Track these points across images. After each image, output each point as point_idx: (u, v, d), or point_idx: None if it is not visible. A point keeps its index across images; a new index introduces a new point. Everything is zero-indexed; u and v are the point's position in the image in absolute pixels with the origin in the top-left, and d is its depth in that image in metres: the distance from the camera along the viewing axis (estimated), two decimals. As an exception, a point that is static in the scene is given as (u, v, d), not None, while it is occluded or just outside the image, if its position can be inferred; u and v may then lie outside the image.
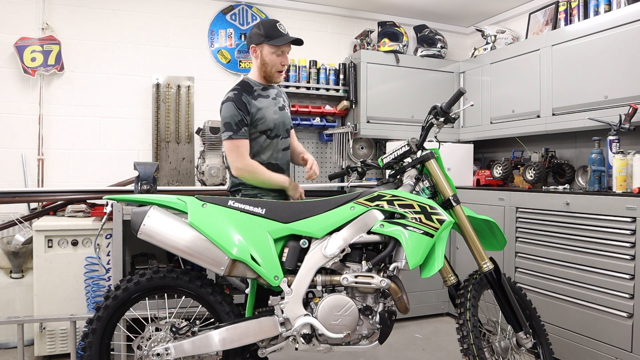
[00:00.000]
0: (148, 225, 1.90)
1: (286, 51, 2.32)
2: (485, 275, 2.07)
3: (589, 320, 2.70)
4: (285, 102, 2.48)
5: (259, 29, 2.29)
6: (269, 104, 2.34)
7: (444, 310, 3.86)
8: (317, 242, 1.97)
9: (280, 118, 2.37)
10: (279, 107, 2.39)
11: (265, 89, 2.36)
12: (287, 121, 2.43)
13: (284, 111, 2.41)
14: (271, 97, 2.37)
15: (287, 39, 2.27)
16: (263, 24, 2.29)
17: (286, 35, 2.28)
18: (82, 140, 3.60)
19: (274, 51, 2.28)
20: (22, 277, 3.06)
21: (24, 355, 2.61)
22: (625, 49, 2.88)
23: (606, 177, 2.87)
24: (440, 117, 2.11)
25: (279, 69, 2.33)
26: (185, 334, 1.93)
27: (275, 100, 2.39)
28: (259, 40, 2.29)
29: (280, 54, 2.29)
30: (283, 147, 2.40)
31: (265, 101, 2.33)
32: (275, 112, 2.34)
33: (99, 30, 3.64)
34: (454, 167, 3.91)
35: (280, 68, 2.33)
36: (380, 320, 1.95)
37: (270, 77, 2.36)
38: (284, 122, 2.39)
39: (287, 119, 2.43)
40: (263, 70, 2.34)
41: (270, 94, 2.38)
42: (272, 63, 2.30)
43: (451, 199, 2.06)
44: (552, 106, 3.36)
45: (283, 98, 2.47)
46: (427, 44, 4.29)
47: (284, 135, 2.40)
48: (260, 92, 2.33)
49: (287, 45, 2.31)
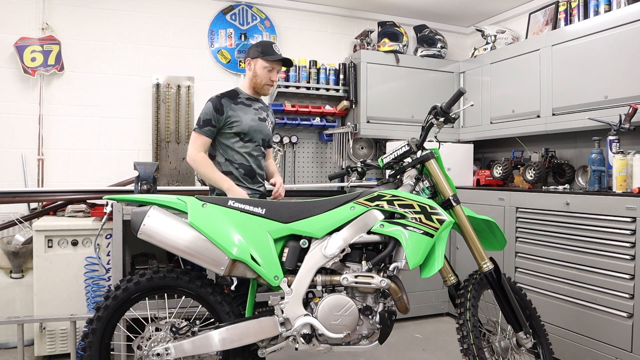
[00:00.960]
0: (148, 225, 1.90)
1: (276, 69, 2.56)
2: (485, 275, 2.07)
3: (589, 320, 2.70)
4: (269, 117, 2.67)
5: (257, 47, 2.55)
6: (249, 111, 2.55)
7: (444, 310, 3.86)
8: (317, 242, 1.97)
9: (258, 126, 2.56)
10: (259, 117, 2.59)
11: (250, 99, 2.60)
12: (265, 132, 2.60)
13: (264, 122, 2.60)
14: (253, 107, 2.59)
15: (278, 57, 2.52)
16: (261, 43, 2.58)
17: (279, 55, 2.53)
18: (82, 140, 3.60)
19: (266, 66, 2.52)
20: (22, 277, 3.06)
21: (24, 355, 2.61)
22: (625, 49, 2.88)
23: (606, 177, 2.87)
24: (440, 117, 2.11)
25: (268, 83, 2.56)
26: (185, 334, 1.94)
27: (257, 111, 2.60)
28: (254, 55, 2.54)
29: (271, 70, 2.53)
30: (256, 153, 2.57)
31: (246, 109, 2.55)
32: (253, 120, 2.54)
33: (99, 30, 3.64)
34: (454, 167, 3.91)
35: (269, 82, 2.56)
36: (380, 320, 1.95)
37: (259, 89, 2.59)
38: (261, 132, 2.58)
39: (265, 130, 2.61)
40: (253, 82, 2.58)
41: (254, 105, 2.60)
42: (263, 76, 2.54)
43: (451, 199, 2.06)
44: (552, 106, 3.36)
45: (268, 114, 2.67)
46: (427, 44, 4.29)
47: (259, 143, 2.58)
48: (243, 100, 2.57)
49: (278, 63, 2.54)
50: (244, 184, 2.52)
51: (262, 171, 2.62)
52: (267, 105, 2.72)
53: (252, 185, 2.55)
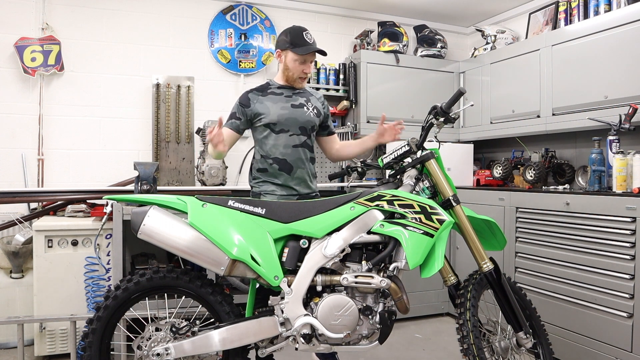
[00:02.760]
0: (148, 225, 1.90)
1: (309, 60, 2.38)
2: (485, 275, 2.07)
3: (589, 320, 2.70)
4: (310, 103, 2.45)
5: (285, 36, 2.37)
6: (278, 100, 2.39)
7: (444, 310, 3.86)
8: (317, 242, 1.96)
9: (290, 114, 2.37)
10: (293, 104, 2.40)
11: (282, 88, 2.44)
12: (303, 119, 2.39)
13: (300, 109, 2.40)
14: (285, 94, 2.42)
15: (310, 49, 2.33)
16: (290, 31, 2.37)
17: (310, 45, 2.34)
18: (82, 140, 3.60)
19: (296, 59, 2.35)
20: (22, 277, 3.06)
21: (24, 355, 2.61)
22: (625, 49, 2.88)
23: (606, 177, 2.87)
24: (440, 117, 2.11)
25: (300, 76, 2.40)
26: (185, 334, 1.93)
27: (290, 98, 2.41)
28: (284, 46, 2.37)
29: (302, 62, 2.36)
30: (294, 143, 2.38)
31: (275, 97, 2.39)
32: (283, 108, 2.37)
33: (99, 30, 3.64)
34: (454, 167, 3.91)
35: (301, 75, 2.39)
36: (380, 320, 1.95)
37: (292, 82, 2.43)
38: (296, 119, 2.38)
39: (303, 117, 2.39)
40: (285, 75, 2.43)
41: (285, 92, 2.42)
42: (294, 69, 2.38)
43: (451, 199, 2.05)
44: (552, 106, 3.36)
45: (308, 99, 2.46)
46: (427, 44, 4.29)
47: (296, 132, 2.38)
48: (274, 90, 2.42)
49: (311, 54, 2.36)
50: (278, 181, 2.37)
51: (305, 166, 2.41)
52: (310, 92, 2.51)
53: (290, 182, 2.38)
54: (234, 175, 3.92)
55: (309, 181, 2.45)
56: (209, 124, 3.53)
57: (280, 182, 2.38)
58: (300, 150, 2.39)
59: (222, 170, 3.54)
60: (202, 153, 3.61)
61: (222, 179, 3.54)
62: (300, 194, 2.41)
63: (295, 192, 2.40)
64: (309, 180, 2.45)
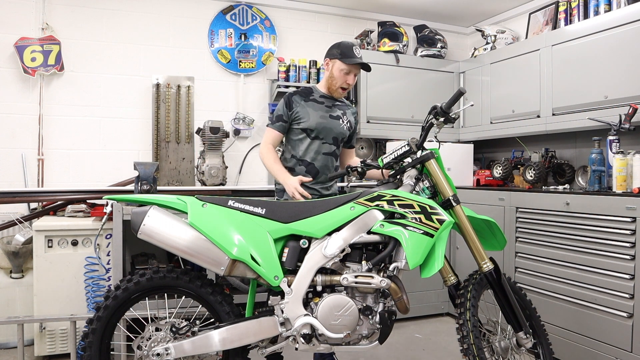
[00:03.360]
0: (148, 225, 1.90)
1: (353, 72, 2.50)
2: (485, 275, 2.07)
3: (589, 320, 2.70)
4: (345, 116, 2.60)
5: (337, 47, 2.51)
6: (319, 108, 2.54)
7: (444, 310, 3.86)
8: (317, 242, 1.97)
9: (328, 124, 2.52)
10: (331, 115, 2.55)
11: (324, 97, 2.58)
12: (337, 130, 2.55)
13: (336, 120, 2.55)
14: (326, 104, 2.56)
15: (356, 61, 2.45)
16: (342, 44, 2.52)
17: (357, 58, 2.47)
18: (82, 140, 3.60)
19: (342, 69, 2.48)
20: (22, 277, 3.06)
21: (24, 355, 2.61)
22: (625, 49, 2.88)
23: (606, 177, 2.87)
24: (440, 117, 2.11)
25: (343, 86, 2.53)
26: (185, 334, 1.93)
27: (330, 109, 2.56)
28: (333, 56, 2.51)
29: (347, 73, 2.49)
30: (325, 151, 2.53)
31: (316, 105, 2.54)
32: (322, 117, 2.52)
33: (99, 30, 3.65)
34: (454, 167, 3.91)
35: (344, 85, 2.52)
36: (380, 320, 1.95)
37: (333, 91, 2.57)
38: (332, 129, 2.53)
39: (337, 128, 2.55)
40: (329, 83, 2.56)
41: (326, 102, 2.57)
42: (339, 78, 2.51)
43: (451, 199, 2.05)
44: (552, 106, 3.36)
45: (345, 113, 2.61)
46: (427, 44, 4.29)
47: (329, 141, 2.54)
48: (316, 98, 2.57)
49: (356, 67, 2.49)
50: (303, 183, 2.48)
51: (328, 173, 2.54)
52: (347, 105, 2.67)
53: (313, 185, 2.51)
54: (234, 175, 3.92)
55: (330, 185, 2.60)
56: (208, 124, 3.53)
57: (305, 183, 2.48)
58: (328, 158, 2.55)
59: (222, 170, 3.54)
60: (202, 153, 3.61)
61: (222, 179, 3.54)
62: (322, 195, 2.54)
63: (317, 195, 2.52)
64: (329, 185, 2.60)
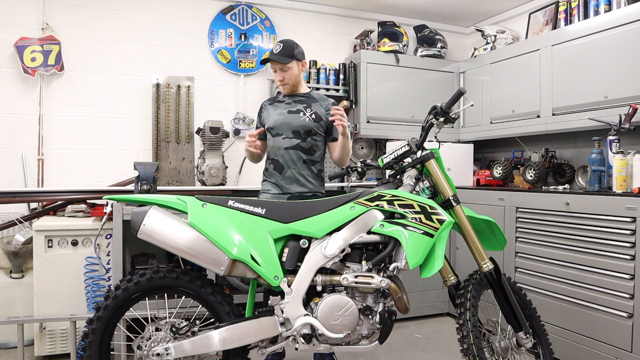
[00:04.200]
0: (148, 225, 1.90)
1: (277, 68, 2.55)
2: (485, 275, 2.07)
3: (589, 320, 2.70)
4: (308, 109, 2.59)
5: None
6: (280, 107, 2.61)
7: (444, 310, 3.86)
8: (317, 242, 1.97)
9: (285, 119, 2.55)
10: (290, 110, 2.58)
11: (287, 96, 2.66)
12: (296, 123, 2.55)
13: (295, 114, 2.56)
14: (286, 102, 2.63)
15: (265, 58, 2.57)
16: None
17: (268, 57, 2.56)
18: (82, 140, 3.60)
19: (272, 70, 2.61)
20: (22, 277, 3.06)
21: (24, 355, 2.61)
22: (625, 49, 2.88)
23: (606, 177, 2.87)
24: (440, 117, 2.11)
25: (279, 85, 2.62)
26: (185, 334, 1.93)
27: (290, 105, 2.61)
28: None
29: (275, 71, 2.58)
30: (286, 145, 2.54)
31: (278, 105, 2.63)
32: (280, 114, 2.57)
33: (99, 30, 3.64)
34: (454, 167, 3.91)
35: (278, 83, 2.61)
36: (380, 320, 1.95)
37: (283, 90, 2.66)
38: (289, 123, 2.55)
39: (297, 121, 2.55)
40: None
41: (287, 100, 2.64)
42: (275, 79, 2.63)
43: (451, 199, 2.05)
44: (552, 106, 3.36)
45: (308, 105, 2.60)
46: (427, 44, 4.29)
47: (288, 135, 2.55)
48: (280, 99, 2.67)
49: (273, 63, 2.55)
50: (272, 180, 2.58)
51: (297, 167, 2.54)
52: (316, 98, 2.65)
53: (282, 182, 2.54)
54: (234, 175, 3.92)
55: (303, 180, 2.55)
56: (208, 124, 3.53)
57: (274, 180, 2.58)
58: (291, 152, 2.54)
59: (222, 170, 3.54)
60: (202, 153, 3.61)
61: (222, 179, 3.54)
62: (291, 192, 2.54)
63: (286, 191, 2.54)
64: (303, 179, 2.55)
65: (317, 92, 2.80)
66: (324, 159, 2.68)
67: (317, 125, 2.57)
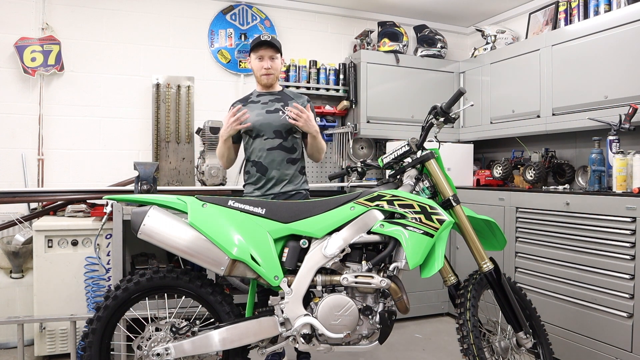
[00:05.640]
0: (148, 225, 1.90)
1: (266, 55, 2.50)
2: (485, 275, 2.07)
3: (589, 320, 2.70)
4: (285, 107, 2.52)
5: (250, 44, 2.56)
6: (256, 107, 2.54)
7: (444, 310, 3.86)
8: (317, 242, 1.97)
9: (265, 119, 2.50)
10: (268, 110, 2.53)
11: (261, 95, 2.60)
12: (276, 123, 2.50)
13: (274, 114, 2.51)
14: (262, 102, 2.57)
15: (257, 40, 2.49)
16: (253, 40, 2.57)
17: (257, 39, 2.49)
18: (82, 140, 3.60)
19: (255, 57, 2.54)
20: (22, 277, 3.06)
21: (24, 355, 2.61)
22: (625, 49, 2.88)
23: (606, 177, 2.87)
24: (440, 117, 2.11)
25: (263, 73, 2.53)
26: (185, 334, 1.93)
27: (267, 104, 2.55)
28: (248, 53, 2.59)
29: (260, 58, 2.51)
30: (268, 147, 2.50)
31: (254, 105, 2.56)
32: (258, 115, 2.51)
33: (99, 30, 3.64)
34: (454, 167, 3.91)
35: (262, 72, 2.53)
36: (380, 320, 1.95)
37: (260, 81, 2.59)
38: (270, 124, 2.50)
39: (277, 121, 2.50)
40: (256, 78, 2.61)
41: (263, 100, 2.58)
42: (256, 68, 2.55)
43: (451, 199, 2.05)
44: (552, 106, 3.36)
45: (286, 103, 2.54)
46: (427, 44, 4.29)
47: (270, 135, 2.51)
48: (253, 99, 2.60)
49: (264, 49, 2.49)
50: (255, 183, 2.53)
51: (280, 167, 2.50)
52: (288, 95, 2.61)
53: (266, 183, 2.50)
54: (234, 175, 3.91)
55: (287, 180, 2.53)
56: (208, 124, 3.52)
57: (257, 183, 2.53)
58: (275, 152, 2.50)
59: (222, 170, 3.54)
60: (202, 153, 3.60)
61: (222, 179, 3.54)
62: (275, 193, 2.50)
63: (270, 193, 2.51)
64: (287, 179, 2.53)
65: (289, 89, 2.78)
66: (304, 155, 2.68)
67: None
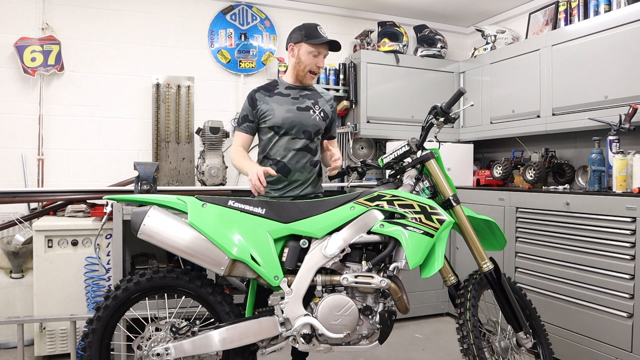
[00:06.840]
0: (148, 225, 1.90)
1: (322, 54, 2.32)
2: (485, 275, 2.07)
3: (589, 320, 2.70)
4: (316, 106, 2.37)
5: (300, 30, 2.31)
6: (285, 102, 2.33)
7: (444, 310, 3.86)
8: (317, 242, 1.96)
9: (296, 117, 2.31)
10: (299, 107, 2.34)
11: (290, 88, 2.38)
12: (307, 122, 2.33)
13: (306, 112, 2.34)
14: (292, 96, 2.35)
15: (324, 40, 2.28)
16: (305, 26, 2.31)
17: (324, 38, 2.29)
18: (82, 140, 3.60)
19: (311, 51, 2.29)
20: (22, 277, 3.06)
21: (24, 355, 2.61)
22: (625, 49, 2.88)
23: (606, 177, 2.87)
24: (440, 117, 2.11)
25: (312, 70, 2.33)
26: (185, 334, 1.93)
27: (297, 100, 2.35)
28: (298, 39, 2.30)
29: (316, 55, 2.30)
30: (295, 147, 2.32)
31: (281, 99, 2.34)
32: (289, 111, 2.31)
33: (99, 30, 3.64)
34: (454, 167, 3.91)
35: (314, 69, 2.32)
36: (380, 320, 1.95)
37: (302, 77, 2.35)
38: (301, 123, 2.32)
39: (308, 120, 2.33)
40: (297, 69, 2.34)
41: (293, 94, 2.36)
42: (307, 62, 2.31)
43: (451, 199, 2.05)
44: (552, 106, 3.36)
45: (316, 102, 2.38)
46: (427, 44, 4.29)
47: (300, 136, 2.33)
48: (281, 91, 2.36)
49: (324, 47, 2.31)
50: (274, 183, 2.32)
51: (304, 170, 2.34)
52: (319, 93, 2.43)
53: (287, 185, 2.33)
54: (234, 175, 3.91)
55: (308, 183, 2.38)
56: (208, 124, 3.53)
57: (277, 184, 2.33)
58: (300, 154, 2.34)
59: (222, 170, 3.54)
60: (202, 153, 3.61)
61: (222, 179, 3.54)
62: (294, 195, 2.34)
63: (289, 195, 2.34)
64: (308, 182, 2.38)
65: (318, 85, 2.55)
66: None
67: (324, 124, 2.40)
